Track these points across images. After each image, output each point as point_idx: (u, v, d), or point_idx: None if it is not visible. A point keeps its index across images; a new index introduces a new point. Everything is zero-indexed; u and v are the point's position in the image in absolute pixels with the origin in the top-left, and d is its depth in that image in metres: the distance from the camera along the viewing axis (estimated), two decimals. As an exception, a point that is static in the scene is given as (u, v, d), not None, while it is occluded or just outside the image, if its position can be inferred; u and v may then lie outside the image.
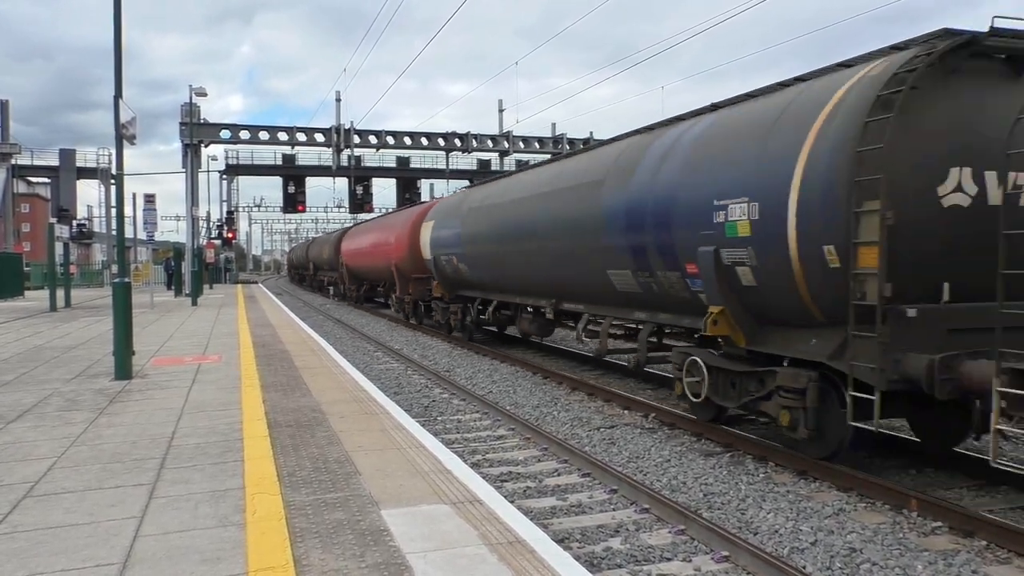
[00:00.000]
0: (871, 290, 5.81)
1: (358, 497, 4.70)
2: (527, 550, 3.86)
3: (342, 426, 6.65)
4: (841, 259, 6.09)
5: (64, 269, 27.09)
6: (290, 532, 4.10)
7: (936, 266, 5.97)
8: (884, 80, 6.00)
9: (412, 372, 13.51)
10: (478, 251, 15.06)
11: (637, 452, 7.76)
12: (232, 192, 53.42)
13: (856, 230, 5.88)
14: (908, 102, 5.79)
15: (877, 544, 5.23)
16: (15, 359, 11.44)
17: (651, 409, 9.43)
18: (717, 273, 7.45)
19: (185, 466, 5.44)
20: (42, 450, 5.94)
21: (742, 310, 7.46)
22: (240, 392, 8.38)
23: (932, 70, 5.89)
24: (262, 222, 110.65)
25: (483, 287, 15.78)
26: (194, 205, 39.57)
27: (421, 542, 3.96)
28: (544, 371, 12.59)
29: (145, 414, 7.27)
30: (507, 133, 46.78)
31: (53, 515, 4.43)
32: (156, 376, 9.63)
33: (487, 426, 9.20)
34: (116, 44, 9.84)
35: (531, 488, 6.66)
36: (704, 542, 5.32)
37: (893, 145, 5.69)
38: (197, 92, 32.05)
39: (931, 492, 6.20)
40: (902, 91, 5.76)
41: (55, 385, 9.00)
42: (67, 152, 55.47)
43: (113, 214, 28.25)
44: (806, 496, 6.27)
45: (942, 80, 6.01)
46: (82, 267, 54.00)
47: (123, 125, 10.07)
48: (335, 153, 43.60)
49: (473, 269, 15.67)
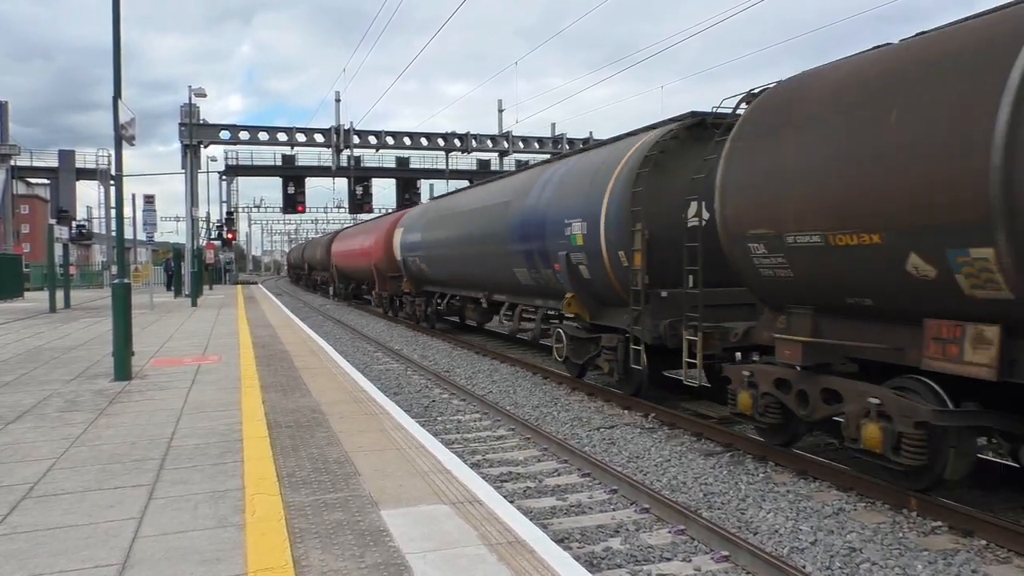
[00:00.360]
0: (638, 280, 9.13)
1: (358, 497, 4.69)
2: (527, 550, 3.86)
3: (342, 426, 6.65)
4: (629, 260, 9.28)
5: (64, 270, 27.08)
6: (290, 533, 4.10)
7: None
8: (649, 145, 9.34)
9: (412, 372, 13.51)
10: (435, 254, 18.36)
11: (637, 452, 7.76)
12: (232, 193, 53.42)
13: (631, 242, 9.14)
14: (661, 160, 9.19)
15: (877, 544, 5.23)
16: (15, 360, 11.44)
17: (651, 409, 9.42)
18: (569, 270, 10.68)
19: (184, 467, 5.43)
20: (42, 451, 5.94)
21: (586, 296, 10.69)
22: (240, 393, 8.37)
23: (676, 139, 9.39)
24: (262, 223, 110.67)
25: (440, 283, 18.98)
26: (194, 206, 39.58)
27: (421, 542, 3.95)
28: (544, 371, 12.60)
29: (145, 415, 7.27)
30: (507, 133, 46.78)
31: (52, 516, 4.43)
32: (156, 377, 9.63)
33: (487, 426, 9.20)
34: (115, 44, 9.84)
35: (531, 488, 6.66)
36: (704, 542, 5.32)
37: (650, 188, 9.03)
38: (196, 93, 32.05)
39: (931, 491, 6.19)
40: (654, 154, 9.17)
41: (55, 386, 9.00)
42: (66, 153, 55.52)
43: (113, 215, 28.22)
44: (806, 496, 6.27)
45: (683, 145, 9.30)
46: (82, 268, 53.97)
47: (122, 126, 10.07)
48: (335, 153, 43.58)
49: (432, 268, 18.94)
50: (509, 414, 9.38)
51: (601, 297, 10.44)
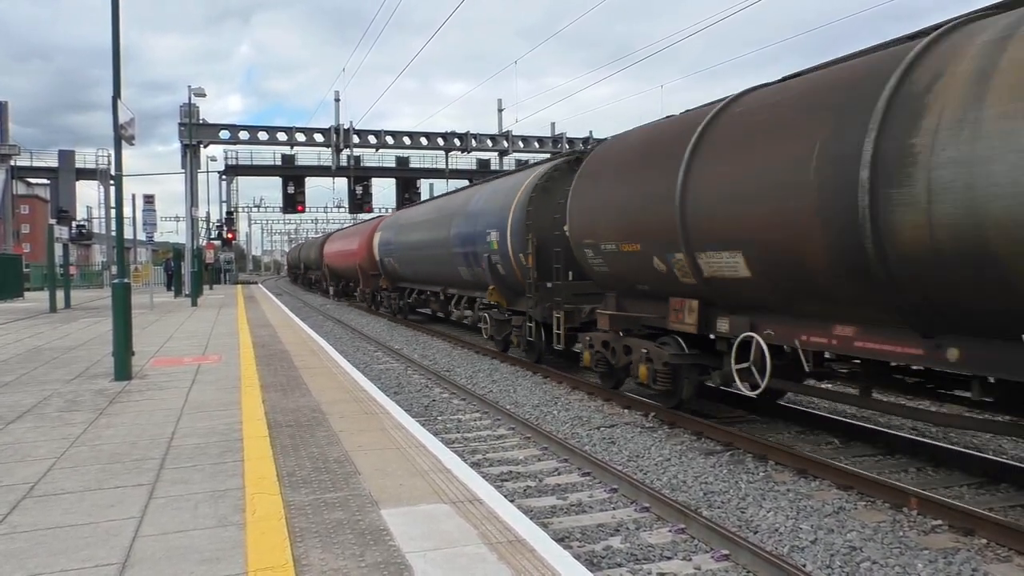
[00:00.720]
0: (531, 275, 12.48)
1: (358, 497, 4.69)
2: (527, 549, 3.86)
3: (342, 426, 6.64)
4: (525, 261, 12.62)
5: (64, 270, 27.07)
6: (290, 532, 4.10)
7: (564, 263, 11.81)
8: (539, 175, 13.00)
9: (412, 371, 13.51)
10: (405, 255, 21.88)
11: (637, 451, 7.76)
12: (231, 192, 53.31)
13: (527, 247, 12.55)
14: (547, 187, 12.72)
15: (877, 542, 5.22)
16: (15, 360, 11.44)
17: (651, 408, 9.42)
18: (490, 268, 14.20)
19: (185, 466, 5.43)
20: (42, 451, 5.93)
21: (503, 287, 14.21)
22: (240, 392, 8.37)
23: (558, 171, 12.88)
24: (262, 222, 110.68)
25: (409, 280, 22.60)
26: (193, 206, 39.55)
27: (421, 541, 3.95)
28: (544, 371, 12.61)
29: (145, 415, 7.27)
30: (506, 133, 46.76)
31: (52, 515, 4.43)
32: (156, 377, 9.63)
33: (487, 425, 9.20)
34: (115, 45, 9.83)
35: (531, 487, 6.66)
36: (704, 541, 5.32)
37: (538, 208, 12.55)
38: (196, 92, 32.04)
39: (931, 490, 6.19)
40: (541, 182, 12.77)
41: (55, 386, 9.00)
42: (66, 153, 55.49)
43: (112, 215, 28.22)
44: (806, 495, 6.27)
45: (563, 176, 12.50)
46: (82, 268, 53.96)
47: (122, 126, 10.06)
48: (334, 153, 43.57)
49: (402, 267, 22.62)
50: (509, 413, 9.38)
51: (512, 288, 13.90)
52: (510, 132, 46.77)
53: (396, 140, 44.80)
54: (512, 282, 13.54)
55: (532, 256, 12.33)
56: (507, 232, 13.14)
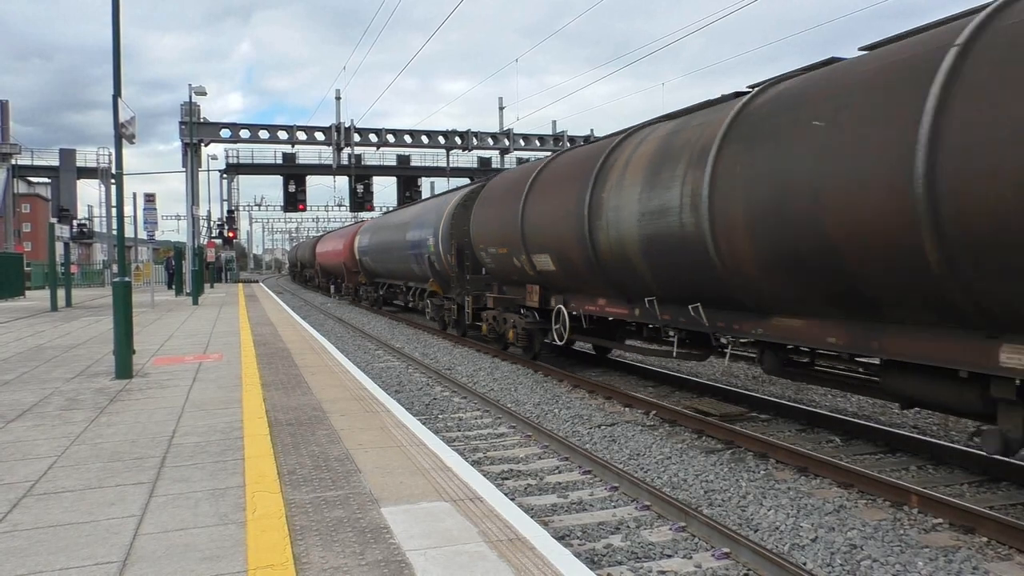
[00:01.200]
0: (454, 270, 16.62)
1: (358, 495, 4.69)
2: (528, 547, 3.86)
3: (343, 424, 6.64)
4: (450, 259, 16.78)
5: (65, 269, 27.07)
6: (290, 530, 4.10)
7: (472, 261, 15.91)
8: (463, 195, 17.18)
9: (413, 370, 13.51)
10: (378, 255, 26.23)
11: (638, 449, 7.75)
12: (232, 191, 53.27)
13: (450, 250, 16.77)
14: (467, 204, 16.49)
15: (878, 541, 5.22)
16: (16, 358, 11.45)
17: (652, 406, 9.43)
18: (429, 265, 18.62)
19: (185, 464, 5.44)
20: (42, 449, 5.94)
21: (440, 280, 18.50)
22: (241, 391, 8.38)
23: (475, 193, 16.45)
24: (263, 221, 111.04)
25: (381, 275, 27.22)
26: (194, 204, 39.54)
27: (421, 539, 3.95)
28: (545, 369, 12.61)
29: (146, 413, 7.27)
30: (507, 131, 46.69)
31: (53, 514, 4.43)
32: (157, 375, 9.64)
33: (488, 424, 9.20)
34: (115, 43, 9.83)
35: (532, 486, 6.66)
36: (705, 539, 5.32)
37: (459, 220, 16.66)
38: (197, 91, 32.03)
39: (932, 488, 6.19)
40: (463, 200, 16.81)
41: (56, 384, 9.01)
42: (67, 152, 55.43)
43: (113, 214, 28.21)
44: (807, 493, 6.27)
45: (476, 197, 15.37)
46: (83, 267, 54.00)
47: (122, 124, 10.06)
48: (335, 151, 43.52)
49: (376, 264, 27.10)
50: (510, 412, 9.38)
51: (445, 280, 18.22)
52: (511, 130, 46.70)
53: (397, 139, 44.75)
54: (444, 276, 18.06)
55: (454, 256, 16.76)
56: (439, 237, 17.50)
